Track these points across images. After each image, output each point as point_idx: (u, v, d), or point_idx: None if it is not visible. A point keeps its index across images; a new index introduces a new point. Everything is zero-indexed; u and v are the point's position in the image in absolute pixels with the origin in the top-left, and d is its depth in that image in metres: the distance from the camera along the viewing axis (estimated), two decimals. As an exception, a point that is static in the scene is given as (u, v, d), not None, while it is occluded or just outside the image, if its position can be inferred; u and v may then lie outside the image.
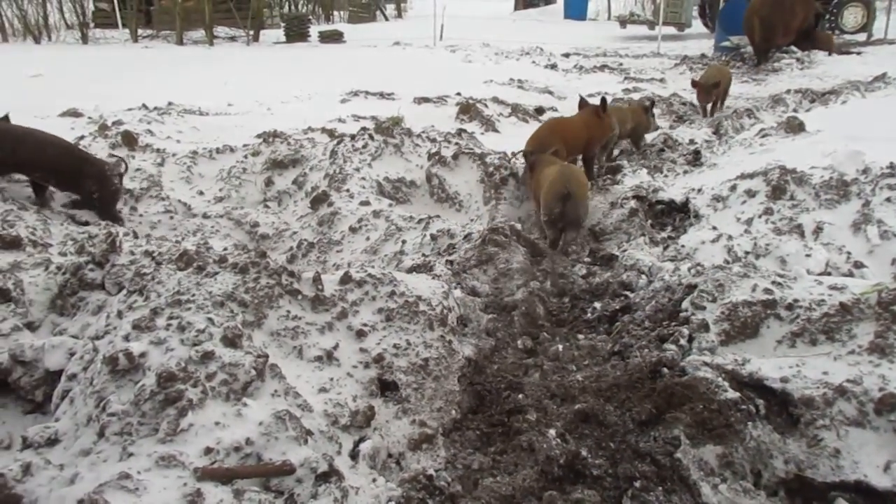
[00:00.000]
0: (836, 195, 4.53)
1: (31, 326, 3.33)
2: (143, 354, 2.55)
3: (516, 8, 38.44)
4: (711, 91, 9.54)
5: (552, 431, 2.67)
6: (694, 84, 9.70)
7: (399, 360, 2.98)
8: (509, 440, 2.75)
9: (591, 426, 2.75)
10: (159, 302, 2.85)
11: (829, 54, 14.94)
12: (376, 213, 5.29)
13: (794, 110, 9.56)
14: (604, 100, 6.50)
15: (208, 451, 2.23)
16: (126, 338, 2.68)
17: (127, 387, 2.49)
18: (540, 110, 10.80)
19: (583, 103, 6.70)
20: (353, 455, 2.55)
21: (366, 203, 5.51)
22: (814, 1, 15.44)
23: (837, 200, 4.51)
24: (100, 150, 6.45)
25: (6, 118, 5.69)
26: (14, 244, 3.94)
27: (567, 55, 18.46)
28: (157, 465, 2.16)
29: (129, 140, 6.85)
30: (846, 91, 10.44)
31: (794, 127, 7.00)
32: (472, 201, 5.86)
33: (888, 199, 4.38)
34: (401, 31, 24.94)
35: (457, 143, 6.50)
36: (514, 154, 6.57)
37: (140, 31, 23.31)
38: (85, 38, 22.44)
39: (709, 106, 9.79)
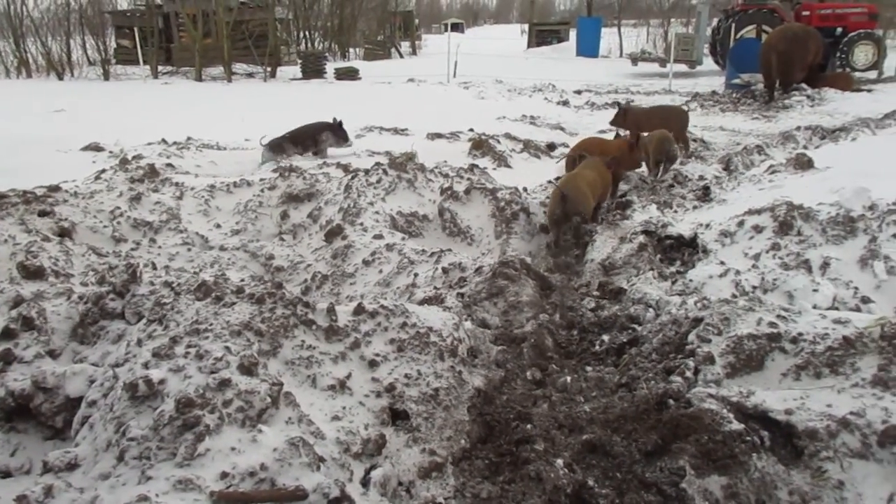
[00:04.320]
0: (843, 231, 4.58)
1: (53, 354, 3.42)
2: (162, 381, 2.63)
3: (529, 45, 39.02)
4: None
5: (560, 461, 2.71)
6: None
7: (410, 389, 3.04)
8: (517, 469, 2.79)
9: (598, 456, 2.80)
10: (178, 331, 2.94)
11: (844, 92, 15.05)
12: (389, 247, 5.39)
13: (804, 147, 9.65)
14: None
15: (224, 475, 2.29)
16: (146, 365, 2.76)
17: (146, 413, 2.56)
18: (552, 146, 10.95)
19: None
20: (365, 482, 2.60)
21: (379, 237, 5.62)
22: (822, 38, 15.64)
23: (844, 236, 4.56)
24: (120, 183, 6.61)
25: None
26: (38, 274, 4.07)
27: (579, 92, 18.70)
28: (175, 488, 2.22)
29: (153, 173, 7.01)
30: (856, 128, 10.55)
31: (803, 163, 7.09)
32: (483, 235, 5.96)
33: (894, 235, 4.42)
34: (415, 68, 25.36)
35: (469, 179, 6.62)
36: (524, 189, 6.70)
37: (160, 68, 23.85)
38: (107, 75, 22.97)
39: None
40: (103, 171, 7.12)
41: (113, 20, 27.06)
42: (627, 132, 8.96)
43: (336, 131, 9.84)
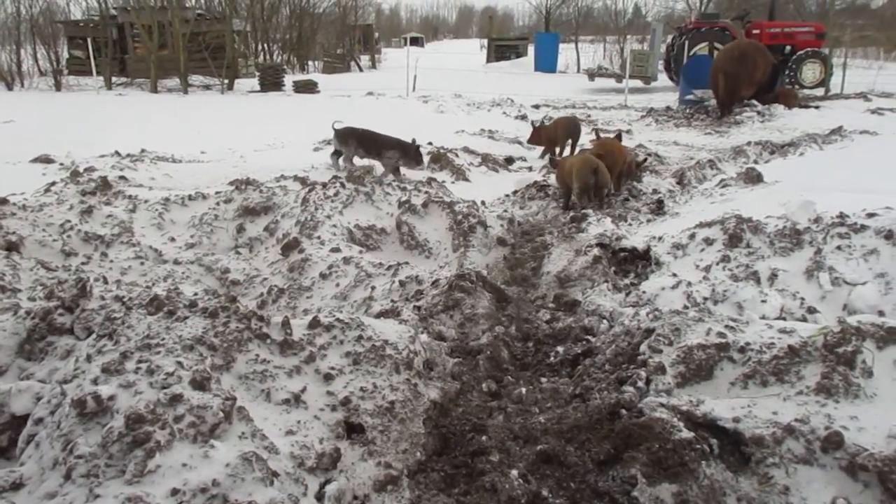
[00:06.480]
0: (790, 243, 4.71)
1: (-1, 371, 3.33)
2: (111, 397, 2.58)
3: (488, 60, 39.37)
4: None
5: (514, 472, 2.74)
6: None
7: (365, 402, 3.03)
8: (473, 481, 2.81)
9: (552, 467, 2.83)
10: (129, 346, 2.89)
11: (791, 108, 15.51)
12: (346, 260, 5.37)
13: (755, 161, 9.90)
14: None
15: (175, 492, 2.26)
16: (95, 381, 2.71)
17: (94, 430, 2.51)
18: (510, 160, 11.06)
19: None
20: (319, 497, 2.59)
21: (336, 250, 5.60)
22: (770, 54, 16.10)
23: (791, 248, 4.68)
24: (71, 196, 6.48)
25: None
26: (-17, 289, 3.96)
27: (537, 106, 18.91)
28: (124, 505, 2.18)
29: (105, 186, 6.89)
30: (804, 143, 10.86)
31: (753, 177, 7.28)
32: (441, 248, 5.98)
33: (839, 247, 4.55)
34: (374, 81, 25.40)
35: (426, 192, 6.64)
36: (482, 202, 6.76)
37: (114, 79, 23.46)
38: (58, 86, 22.53)
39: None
40: (53, 183, 6.97)
41: (65, 30, 26.53)
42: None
43: (405, 153, 9.31)
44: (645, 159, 9.20)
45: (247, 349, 3.08)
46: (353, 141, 9.38)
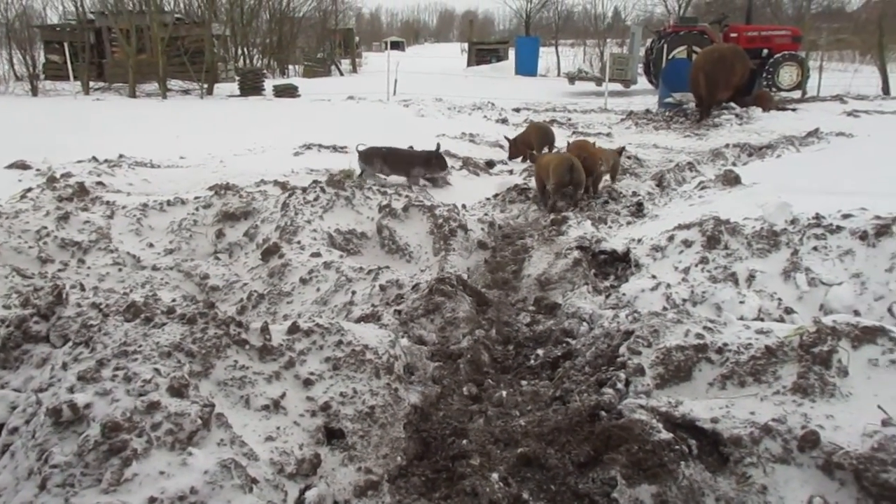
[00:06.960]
0: (767, 245, 4.76)
1: (-27, 380, 3.29)
2: (87, 405, 2.55)
3: (469, 64, 39.47)
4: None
5: (495, 475, 2.74)
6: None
7: (345, 408, 3.02)
8: (453, 485, 2.80)
9: (532, 469, 2.83)
10: (105, 353, 2.86)
11: (767, 111, 15.71)
12: (327, 265, 5.36)
13: (733, 164, 9.99)
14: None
15: (152, 500, 2.23)
16: (70, 389, 2.68)
17: (70, 438, 2.49)
18: (490, 163, 11.08)
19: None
20: (299, 503, 2.58)
21: (317, 255, 5.58)
22: (748, 59, 16.31)
23: (768, 250, 4.73)
24: (47, 202, 6.41)
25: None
26: (-43, 297, 3.91)
27: (518, 110, 18.98)
28: (100, 515, 2.16)
29: (82, 192, 6.82)
30: (781, 145, 10.98)
31: (731, 180, 7.34)
32: (421, 252, 5.98)
33: (815, 248, 4.61)
34: (355, 85, 25.34)
35: (407, 196, 6.64)
36: (463, 206, 6.77)
37: (92, 84, 23.25)
38: (35, 90, 22.28)
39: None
40: (29, 189, 6.90)
41: (42, 35, 26.27)
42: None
43: (429, 165, 9.17)
44: (623, 148, 9.39)
45: (225, 355, 3.06)
46: (378, 160, 9.29)
